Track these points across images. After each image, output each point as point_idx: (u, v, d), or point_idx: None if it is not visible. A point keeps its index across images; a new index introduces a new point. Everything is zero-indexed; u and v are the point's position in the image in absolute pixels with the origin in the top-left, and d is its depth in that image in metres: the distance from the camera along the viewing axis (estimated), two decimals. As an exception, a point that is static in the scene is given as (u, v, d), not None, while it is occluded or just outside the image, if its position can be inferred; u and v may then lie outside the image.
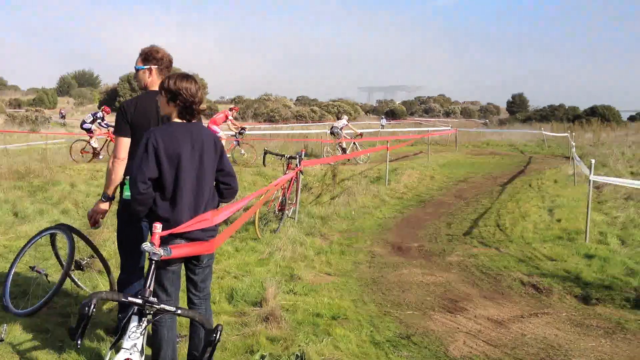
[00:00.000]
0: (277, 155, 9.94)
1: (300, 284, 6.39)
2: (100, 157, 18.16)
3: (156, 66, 4.34)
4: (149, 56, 4.34)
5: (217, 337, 2.44)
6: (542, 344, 5.02)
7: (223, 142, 18.11)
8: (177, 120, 3.64)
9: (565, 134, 25.37)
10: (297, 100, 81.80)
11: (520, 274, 7.02)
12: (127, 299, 2.56)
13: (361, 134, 21.20)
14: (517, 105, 75.36)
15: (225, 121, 17.42)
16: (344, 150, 19.67)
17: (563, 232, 8.97)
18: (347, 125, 20.43)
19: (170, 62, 4.42)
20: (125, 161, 4.19)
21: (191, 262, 3.78)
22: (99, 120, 18.61)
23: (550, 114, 56.87)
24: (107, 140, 18.54)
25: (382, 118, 52.55)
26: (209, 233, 3.75)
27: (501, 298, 6.29)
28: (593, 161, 8.85)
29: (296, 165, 9.21)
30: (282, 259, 7.22)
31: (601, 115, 48.31)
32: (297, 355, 4.43)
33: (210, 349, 2.45)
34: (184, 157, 3.55)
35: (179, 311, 2.53)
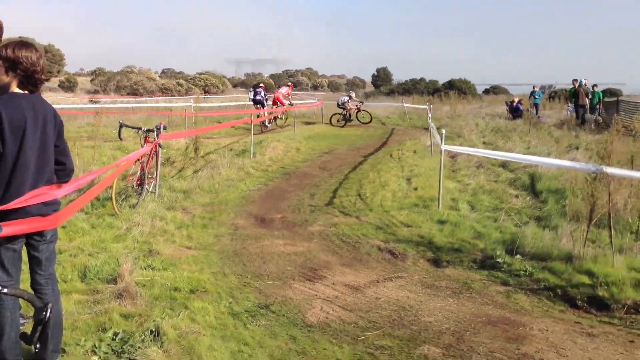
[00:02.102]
0: (133, 128, 9.53)
1: (159, 258, 6.24)
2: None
3: None
4: None
5: (47, 315, 2.32)
6: (395, 306, 5.24)
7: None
8: (17, 90, 3.40)
9: (425, 106, 26.50)
10: (162, 72, 79.29)
11: (378, 241, 7.27)
12: (-55, 280, 2.37)
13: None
14: (381, 78, 77.59)
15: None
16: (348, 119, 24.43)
17: (419, 199, 9.38)
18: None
19: None
20: None
21: (34, 239, 3.56)
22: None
23: (412, 87, 59.31)
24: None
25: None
26: (53, 207, 3.57)
27: (359, 265, 6.49)
28: (444, 131, 9.29)
29: (154, 138, 8.91)
30: (140, 234, 7.00)
31: (458, 88, 51.12)
32: (151, 330, 4.32)
33: (41, 327, 2.33)
34: (28, 130, 3.32)
35: (5, 290, 2.37)
